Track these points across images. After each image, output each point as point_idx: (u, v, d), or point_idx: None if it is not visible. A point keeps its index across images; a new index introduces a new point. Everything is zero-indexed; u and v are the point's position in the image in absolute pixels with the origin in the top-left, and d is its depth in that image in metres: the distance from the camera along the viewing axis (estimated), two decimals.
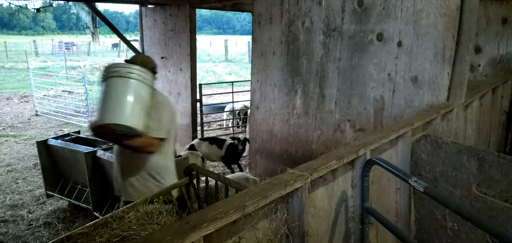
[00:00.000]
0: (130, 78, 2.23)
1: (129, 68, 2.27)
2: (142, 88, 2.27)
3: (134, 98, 2.21)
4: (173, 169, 2.73)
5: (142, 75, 2.28)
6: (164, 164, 2.63)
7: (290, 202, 1.62)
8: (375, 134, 2.28)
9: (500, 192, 2.26)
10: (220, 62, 30.01)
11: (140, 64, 2.48)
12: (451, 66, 2.96)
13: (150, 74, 2.40)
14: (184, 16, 6.73)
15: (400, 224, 2.52)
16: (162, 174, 2.65)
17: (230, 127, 9.39)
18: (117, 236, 2.15)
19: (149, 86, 2.33)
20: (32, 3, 6.29)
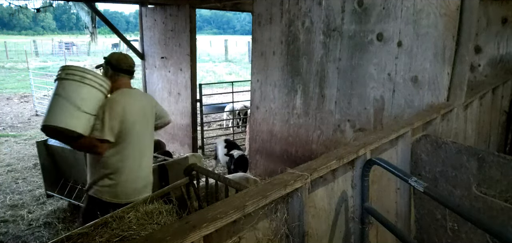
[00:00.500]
0: (72, 80, 2.30)
1: (71, 70, 2.36)
2: (86, 90, 2.32)
3: (74, 100, 2.26)
4: (132, 169, 2.57)
5: (87, 77, 2.33)
6: (118, 165, 2.53)
7: (290, 202, 1.62)
8: (375, 134, 2.28)
9: (500, 192, 2.26)
10: (220, 62, 30.01)
11: (115, 62, 2.55)
12: (451, 66, 2.96)
13: (100, 76, 2.43)
14: (184, 16, 6.73)
15: (400, 224, 2.52)
16: (116, 175, 2.54)
17: (230, 127, 9.39)
18: (117, 236, 2.15)
19: (96, 87, 2.37)
20: (32, 3, 6.29)
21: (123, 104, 2.50)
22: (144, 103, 2.71)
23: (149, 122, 2.76)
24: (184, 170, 3.21)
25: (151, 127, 2.79)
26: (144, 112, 2.67)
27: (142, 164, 2.66)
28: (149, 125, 2.75)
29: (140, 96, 2.74)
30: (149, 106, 2.77)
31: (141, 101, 2.69)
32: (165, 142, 6.79)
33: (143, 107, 2.68)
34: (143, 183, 2.69)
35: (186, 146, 7.29)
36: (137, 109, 2.59)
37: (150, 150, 2.80)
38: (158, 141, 6.40)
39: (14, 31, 67.44)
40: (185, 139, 7.29)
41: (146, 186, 2.75)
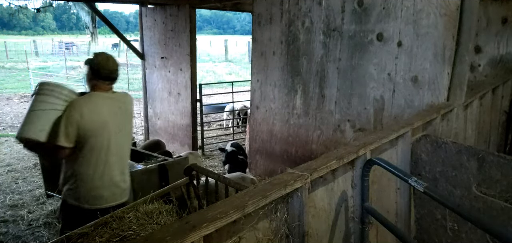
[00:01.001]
0: (38, 93, 2.43)
1: (39, 86, 2.47)
2: (50, 100, 2.40)
3: (36, 111, 2.38)
4: (95, 174, 2.52)
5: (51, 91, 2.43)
6: (79, 170, 2.51)
7: (290, 202, 1.62)
8: (375, 134, 2.28)
9: (500, 192, 2.26)
10: (220, 62, 30.02)
11: (95, 68, 2.53)
12: (451, 66, 2.96)
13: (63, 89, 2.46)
14: (184, 16, 6.73)
15: (400, 224, 2.52)
16: (70, 182, 2.54)
17: (230, 127, 9.40)
18: (117, 236, 2.15)
19: (60, 98, 2.43)
20: (32, 3, 6.29)
21: (84, 109, 2.43)
22: (116, 108, 2.59)
23: (124, 127, 2.65)
24: (184, 170, 3.21)
25: (126, 133, 2.69)
26: (116, 118, 2.57)
27: (111, 170, 2.56)
28: (123, 131, 2.65)
29: (114, 100, 2.60)
30: (126, 110, 2.68)
31: (113, 106, 2.57)
32: (165, 142, 6.79)
33: (115, 112, 2.57)
34: (113, 190, 2.59)
35: (186, 146, 7.29)
36: (104, 115, 2.49)
37: (123, 157, 2.69)
38: (158, 141, 6.40)
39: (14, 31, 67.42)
40: (185, 139, 7.29)
41: (117, 193, 2.64)
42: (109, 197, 2.59)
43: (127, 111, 2.70)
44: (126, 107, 2.70)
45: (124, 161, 2.72)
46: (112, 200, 2.61)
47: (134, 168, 3.87)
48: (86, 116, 2.42)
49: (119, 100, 2.65)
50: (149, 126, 8.17)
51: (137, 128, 9.57)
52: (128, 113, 2.72)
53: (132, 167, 3.91)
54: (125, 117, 2.68)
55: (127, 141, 2.74)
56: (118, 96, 2.66)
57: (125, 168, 2.74)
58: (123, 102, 2.68)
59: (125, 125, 2.69)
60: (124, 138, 2.69)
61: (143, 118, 8.39)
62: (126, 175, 2.75)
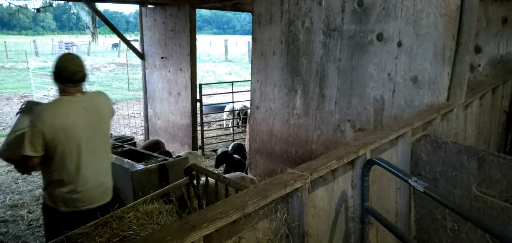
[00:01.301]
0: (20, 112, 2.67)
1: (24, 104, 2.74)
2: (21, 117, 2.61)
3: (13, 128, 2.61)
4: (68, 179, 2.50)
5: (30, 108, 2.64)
6: (47, 179, 2.56)
7: (290, 202, 1.62)
8: (375, 134, 2.28)
9: (500, 192, 2.27)
10: (220, 62, 30.02)
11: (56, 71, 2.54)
12: (451, 66, 2.96)
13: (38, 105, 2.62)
14: (184, 16, 6.73)
15: (400, 224, 2.52)
16: (48, 188, 2.57)
17: (230, 127, 9.40)
18: (117, 236, 2.16)
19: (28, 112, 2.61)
20: (32, 3, 6.30)
21: (46, 118, 2.40)
22: (84, 110, 2.53)
23: (97, 129, 2.60)
24: (184, 170, 3.21)
25: (101, 134, 2.64)
26: (86, 120, 2.52)
27: (86, 172, 2.54)
28: (97, 132, 2.60)
29: (82, 102, 2.53)
30: (98, 111, 2.62)
31: (81, 109, 2.52)
32: (165, 142, 6.79)
33: (83, 115, 2.52)
34: (91, 192, 2.58)
35: (186, 146, 7.29)
36: (70, 119, 2.46)
37: (100, 158, 2.65)
38: (158, 141, 6.41)
39: (14, 31, 67.42)
40: (185, 139, 7.29)
41: (96, 195, 2.62)
42: (87, 200, 2.57)
43: (99, 111, 2.62)
44: (98, 108, 2.63)
45: (102, 162, 2.67)
46: (91, 202, 2.59)
47: (134, 168, 3.87)
48: (49, 124, 2.39)
49: (89, 101, 2.58)
50: (149, 126, 8.17)
51: (137, 128, 9.57)
52: (101, 113, 2.64)
53: (132, 167, 3.91)
54: (98, 117, 2.61)
55: (103, 142, 2.67)
56: (87, 97, 2.58)
57: (104, 169, 2.69)
58: (94, 103, 2.62)
59: (99, 126, 2.62)
60: (100, 139, 2.63)
61: (143, 118, 8.39)
62: (105, 176, 2.70)
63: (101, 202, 2.64)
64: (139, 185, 3.61)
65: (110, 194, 2.75)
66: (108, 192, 2.73)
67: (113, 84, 17.85)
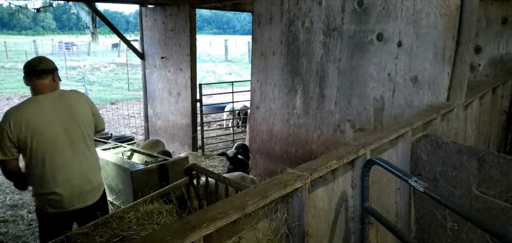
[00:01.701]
0: None
1: None
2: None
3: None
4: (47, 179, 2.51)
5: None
6: (31, 182, 2.62)
7: (290, 202, 1.62)
8: (375, 134, 2.28)
9: (500, 192, 2.27)
10: (220, 62, 30.01)
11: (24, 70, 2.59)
12: (451, 66, 2.96)
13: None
14: (184, 16, 6.72)
15: (400, 224, 2.52)
16: (33, 190, 2.61)
17: (230, 127, 9.40)
18: (117, 236, 2.16)
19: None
20: (32, 3, 6.29)
21: (11, 120, 2.41)
22: (57, 109, 2.53)
23: (73, 126, 2.56)
24: (184, 170, 3.21)
25: (77, 132, 2.58)
26: (59, 118, 2.51)
27: (66, 171, 2.53)
28: (73, 130, 2.56)
29: (53, 101, 2.53)
30: (70, 109, 2.58)
31: (53, 107, 2.52)
32: (165, 142, 6.79)
33: (57, 114, 2.52)
34: (73, 191, 2.55)
35: (186, 146, 7.29)
36: (40, 118, 2.45)
37: (82, 157, 2.61)
38: (157, 140, 6.41)
39: (14, 31, 67.40)
40: (185, 139, 7.29)
41: (81, 195, 2.60)
42: (71, 200, 2.55)
43: (71, 108, 2.58)
44: (70, 104, 2.59)
45: (84, 160, 2.62)
46: (76, 202, 2.57)
47: (134, 168, 3.87)
48: (14, 124, 2.40)
49: (59, 98, 2.57)
50: (149, 126, 8.17)
51: (137, 128, 9.57)
52: (73, 110, 2.58)
53: (132, 167, 3.91)
54: (70, 114, 2.57)
55: (82, 139, 2.62)
56: (57, 94, 2.58)
57: (88, 167, 2.64)
58: (65, 100, 2.59)
59: (73, 122, 2.57)
60: (77, 136, 2.59)
61: (143, 118, 8.39)
62: (90, 174, 2.65)
63: (89, 201, 2.63)
64: (139, 185, 3.61)
65: (98, 193, 2.71)
66: (96, 191, 2.69)
67: (113, 84, 17.84)
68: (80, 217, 2.60)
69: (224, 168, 6.34)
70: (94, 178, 2.69)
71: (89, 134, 2.67)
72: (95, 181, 2.69)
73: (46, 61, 2.61)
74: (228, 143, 8.18)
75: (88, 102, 2.73)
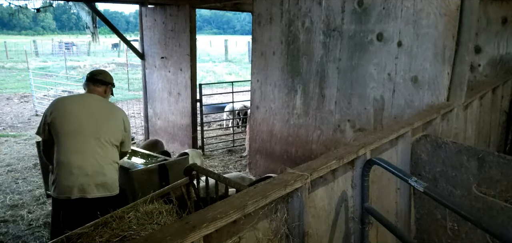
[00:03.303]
0: None
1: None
2: None
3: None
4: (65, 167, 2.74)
5: None
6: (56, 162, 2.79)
7: (290, 202, 1.62)
8: (375, 134, 2.28)
9: (500, 192, 2.26)
10: (220, 62, 30.01)
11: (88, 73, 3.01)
12: (451, 66, 2.96)
13: None
14: (184, 16, 6.72)
15: (400, 224, 2.52)
16: (55, 171, 2.81)
17: (230, 127, 9.40)
18: (117, 236, 2.16)
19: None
20: (32, 3, 6.29)
21: (56, 107, 2.76)
22: (95, 109, 2.82)
23: (101, 128, 2.79)
24: (184, 170, 3.21)
25: (103, 134, 2.79)
26: (91, 117, 2.78)
27: (80, 163, 2.71)
28: (100, 131, 2.78)
29: (96, 102, 2.86)
30: (107, 115, 2.87)
31: (92, 106, 2.83)
32: (165, 142, 6.79)
33: (92, 113, 2.79)
34: (81, 181, 2.71)
35: (186, 146, 7.29)
36: (77, 113, 2.74)
37: (95, 154, 2.77)
38: (157, 140, 6.41)
39: (14, 31, 67.39)
40: (185, 139, 7.29)
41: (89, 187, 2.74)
42: (80, 188, 2.70)
43: (109, 114, 2.89)
44: (110, 111, 2.91)
45: (101, 158, 2.79)
46: (83, 191, 2.71)
47: (134, 168, 3.87)
48: (52, 110, 2.73)
49: (103, 103, 2.92)
50: (149, 126, 8.17)
51: (137, 128, 9.57)
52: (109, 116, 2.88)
53: (132, 166, 3.91)
54: (105, 118, 2.85)
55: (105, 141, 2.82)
56: (102, 100, 2.94)
57: (102, 164, 2.79)
58: (107, 107, 2.93)
59: (104, 126, 2.82)
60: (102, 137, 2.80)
61: (143, 118, 8.39)
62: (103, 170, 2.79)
63: (95, 194, 2.76)
64: (139, 185, 3.61)
65: (107, 189, 2.83)
66: (105, 187, 2.81)
67: None
68: (87, 207, 2.70)
69: (224, 168, 6.35)
70: (107, 174, 2.82)
71: (113, 142, 2.87)
72: (107, 178, 2.82)
73: (105, 74, 3.04)
74: (228, 143, 8.18)
75: (125, 122, 2.99)
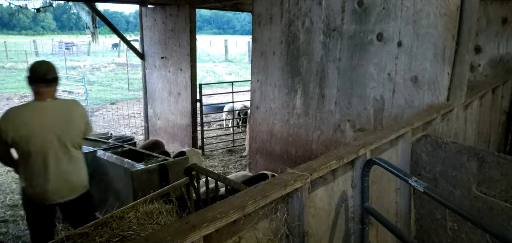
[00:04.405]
0: None
1: None
2: None
3: None
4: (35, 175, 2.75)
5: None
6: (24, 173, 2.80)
7: (290, 202, 1.62)
8: (375, 134, 2.28)
9: (500, 192, 2.26)
10: (220, 62, 30.01)
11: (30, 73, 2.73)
12: (451, 66, 2.96)
13: None
14: (184, 16, 6.72)
15: (400, 224, 2.52)
16: (21, 181, 2.85)
17: (230, 127, 9.40)
18: (117, 236, 2.16)
19: None
20: (32, 3, 6.29)
21: (9, 117, 2.62)
22: (54, 116, 2.74)
23: (65, 133, 2.76)
24: (184, 170, 3.21)
25: (68, 138, 2.78)
26: (54, 125, 2.71)
27: (51, 171, 2.71)
28: (64, 136, 2.76)
29: (52, 108, 2.74)
30: (67, 117, 2.81)
31: (50, 114, 2.72)
32: (165, 142, 6.78)
33: (53, 120, 2.72)
34: (57, 188, 2.76)
35: (186, 146, 7.29)
36: (37, 122, 2.65)
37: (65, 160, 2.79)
38: (156, 141, 6.41)
39: (14, 31, 67.38)
40: (185, 139, 7.29)
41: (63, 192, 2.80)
42: (56, 195, 2.77)
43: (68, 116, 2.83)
44: (67, 113, 2.84)
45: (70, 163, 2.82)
46: (59, 197, 2.78)
47: (134, 168, 3.87)
48: (8, 125, 2.59)
49: (58, 106, 2.80)
50: (149, 126, 8.17)
51: (137, 128, 9.57)
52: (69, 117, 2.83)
53: (132, 167, 3.91)
54: (66, 122, 2.80)
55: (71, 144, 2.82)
56: (57, 103, 2.80)
57: (72, 168, 2.84)
58: (63, 108, 2.83)
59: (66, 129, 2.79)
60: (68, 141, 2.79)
61: (143, 118, 8.39)
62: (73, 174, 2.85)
63: (69, 197, 2.84)
64: (139, 185, 3.61)
65: (78, 190, 2.91)
66: (76, 189, 2.90)
67: (113, 84, 17.84)
68: (65, 209, 2.88)
69: (224, 168, 6.35)
70: (79, 177, 2.91)
71: (79, 142, 2.92)
72: (78, 180, 2.91)
73: (53, 70, 2.79)
74: (228, 143, 8.18)
75: (83, 116, 2.96)
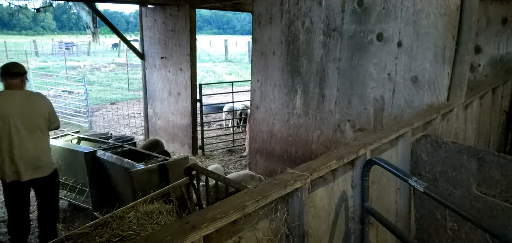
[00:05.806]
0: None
1: None
2: None
3: None
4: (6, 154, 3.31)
5: None
6: None
7: (290, 202, 1.62)
8: (375, 134, 2.28)
9: (500, 192, 2.27)
10: (220, 62, 30.00)
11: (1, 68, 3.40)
12: (451, 66, 2.96)
13: None
14: (184, 16, 6.72)
15: (400, 224, 2.52)
16: None
17: (230, 127, 9.40)
18: (117, 236, 2.16)
19: None
20: (32, 3, 6.29)
21: None
22: (21, 103, 3.32)
23: (30, 118, 3.32)
24: (184, 170, 3.21)
25: (33, 122, 3.35)
26: (20, 110, 3.29)
27: (17, 151, 3.28)
28: (29, 121, 3.32)
29: (19, 97, 3.34)
30: (32, 104, 3.37)
31: (17, 101, 3.31)
32: (165, 142, 6.78)
33: (20, 107, 3.30)
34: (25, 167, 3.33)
35: (186, 146, 7.29)
36: (6, 108, 3.24)
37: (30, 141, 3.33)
38: (156, 140, 6.41)
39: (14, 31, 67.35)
40: (185, 139, 7.29)
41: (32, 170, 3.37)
42: (26, 172, 3.33)
43: (32, 103, 3.38)
44: (32, 101, 3.40)
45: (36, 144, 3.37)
46: (30, 174, 3.35)
47: (134, 168, 3.87)
48: None
49: (25, 96, 3.38)
50: (149, 126, 8.17)
51: (137, 128, 9.57)
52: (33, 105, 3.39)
53: (132, 167, 3.91)
54: (31, 108, 3.35)
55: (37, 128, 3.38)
56: (24, 93, 3.41)
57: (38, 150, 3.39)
58: (29, 98, 3.40)
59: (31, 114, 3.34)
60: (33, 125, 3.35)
61: (143, 118, 8.39)
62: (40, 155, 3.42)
63: (38, 175, 3.41)
64: (139, 185, 3.61)
65: (46, 170, 3.48)
66: (44, 168, 3.46)
67: (113, 84, 17.83)
68: (35, 186, 3.49)
69: (224, 168, 6.35)
70: (45, 157, 3.48)
71: (43, 126, 3.45)
72: (46, 159, 3.49)
73: (19, 66, 3.47)
74: (228, 143, 8.18)
75: (48, 105, 3.52)
